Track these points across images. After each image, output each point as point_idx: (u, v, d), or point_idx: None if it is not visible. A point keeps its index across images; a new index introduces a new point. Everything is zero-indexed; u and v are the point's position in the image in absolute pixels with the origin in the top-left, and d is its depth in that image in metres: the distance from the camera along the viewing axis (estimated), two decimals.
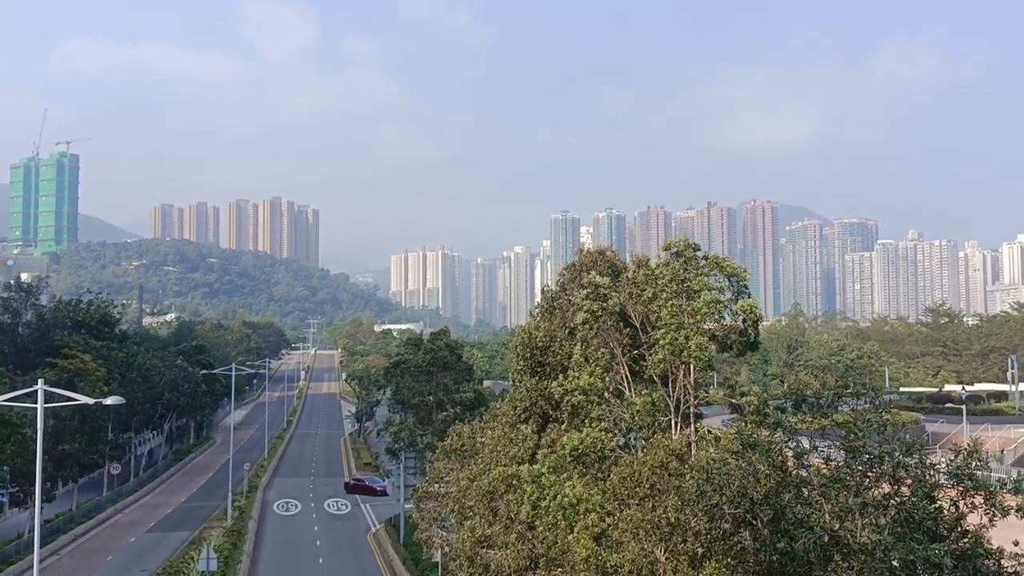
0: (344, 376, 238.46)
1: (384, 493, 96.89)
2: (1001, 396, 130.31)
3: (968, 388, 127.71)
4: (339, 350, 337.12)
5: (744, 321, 34.33)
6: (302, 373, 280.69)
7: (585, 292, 34.99)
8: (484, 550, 35.66)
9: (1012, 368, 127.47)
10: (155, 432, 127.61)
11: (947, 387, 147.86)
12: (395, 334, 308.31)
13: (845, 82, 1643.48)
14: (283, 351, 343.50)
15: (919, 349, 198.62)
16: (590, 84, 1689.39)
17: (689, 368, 33.61)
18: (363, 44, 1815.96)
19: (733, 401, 36.72)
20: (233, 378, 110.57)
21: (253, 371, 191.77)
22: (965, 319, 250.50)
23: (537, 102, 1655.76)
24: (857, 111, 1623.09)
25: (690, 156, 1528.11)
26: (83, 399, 35.25)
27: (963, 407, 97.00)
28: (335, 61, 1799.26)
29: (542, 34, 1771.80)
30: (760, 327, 36.03)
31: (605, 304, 34.56)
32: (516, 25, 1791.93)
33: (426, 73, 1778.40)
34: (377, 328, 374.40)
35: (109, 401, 36.22)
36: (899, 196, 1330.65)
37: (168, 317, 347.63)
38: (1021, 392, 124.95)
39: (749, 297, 34.67)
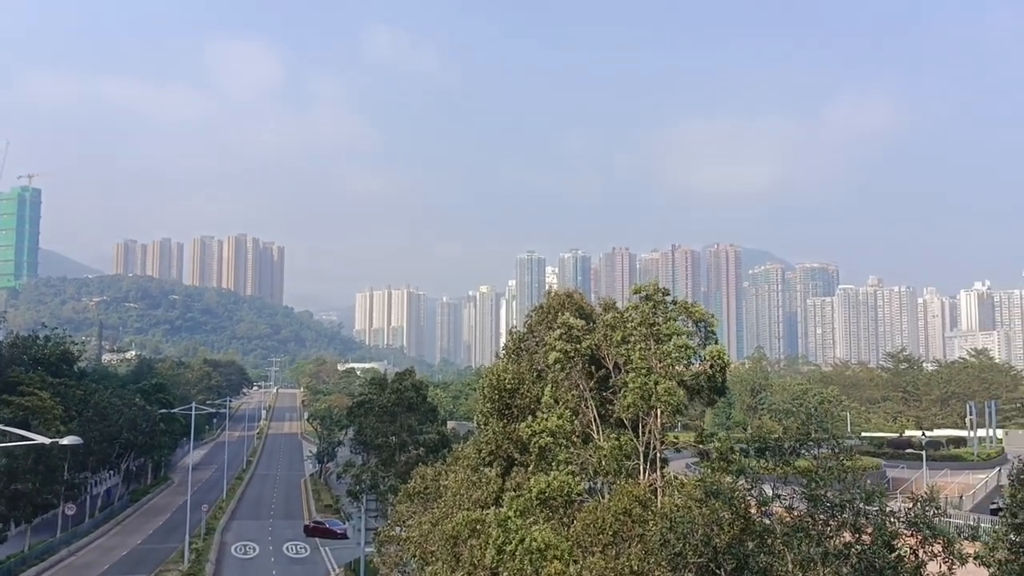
0: (306, 416, 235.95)
1: (344, 536, 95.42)
2: (960, 442, 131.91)
3: (928, 434, 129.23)
4: (302, 389, 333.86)
5: (712, 366, 34.67)
6: (263, 412, 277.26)
7: (559, 332, 35.21)
8: None
9: (970, 414, 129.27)
10: (112, 472, 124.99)
11: (907, 432, 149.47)
12: (359, 373, 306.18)
13: (801, 129, 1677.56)
14: (244, 390, 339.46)
15: (880, 394, 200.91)
16: (554, 126, 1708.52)
17: (657, 413, 33.78)
18: (328, 82, 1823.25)
19: (699, 447, 36.94)
20: (193, 417, 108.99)
21: (213, 410, 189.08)
22: (925, 365, 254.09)
23: (502, 142, 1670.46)
24: (814, 157, 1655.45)
25: (653, 198, 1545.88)
26: (38, 439, 34.52)
27: (923, 453, 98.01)
28: (300, 98, 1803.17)
29: (506, 76, 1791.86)
30: (727, 372, 36.39)
31: (578, 346, 34.78)
32: (480, 67, 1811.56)
33: (391, 112, 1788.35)
34: (340, 367, 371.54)
35: (66, 441, 35.42)
36: (859, 241, 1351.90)
37: (128, 355, 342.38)
38: (979, 438, 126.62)
39: (717, 343, 35.05)
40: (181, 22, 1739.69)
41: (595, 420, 36.72)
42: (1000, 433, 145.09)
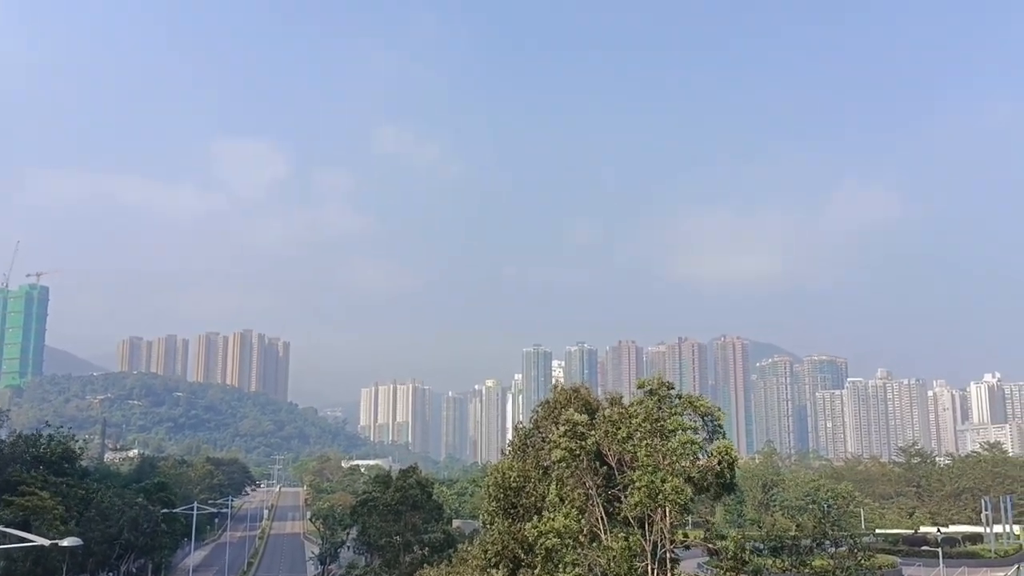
0: (309, 515, 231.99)
1: None
2: (976, 538, 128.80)
3: (943, 530, 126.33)
4: (305, 487, 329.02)
5: (720, 462, 34.11)
6: (266, 512, 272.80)
7: (563, 430, 34.79)
8: None
9: (985, 510, 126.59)
10: (111, 573, 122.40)
11: (922, 529, 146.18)
12: (363, 470, 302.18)
13: (805, 221, 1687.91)
14: (247, 488, 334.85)
15: (893, 489, 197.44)
16: (556, 218, 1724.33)
17: (665, 511, 33.11)
18: (334, 178, 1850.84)
19: (710, 546, 36.02)
20: (195, 517, 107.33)
21: (215, 510, 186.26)
22: (937, 459, 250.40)
23: (506, 233, 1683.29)
24: (819, 249, 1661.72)
25: (658, 289, 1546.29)
26: (38, 540, 33.91)
27: (939, 550, 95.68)
28: (305, 195, 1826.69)
29: (508, 169, 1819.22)
30: (736, 467, 35.78)
31: (583, 443, 34.34)
32: (483, 160, 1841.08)
33: (396, 206, 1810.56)
34: (345, 464, 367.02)
35: (66, 542, 34.83)
36: (867, 333, 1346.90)
37: (131, 453, 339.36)
38: (996, 534, 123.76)
39: (724, 437, 34.56)
40: (189, 122, 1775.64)
41: (602, 519, 36.01)
42: (1017, 529, 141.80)
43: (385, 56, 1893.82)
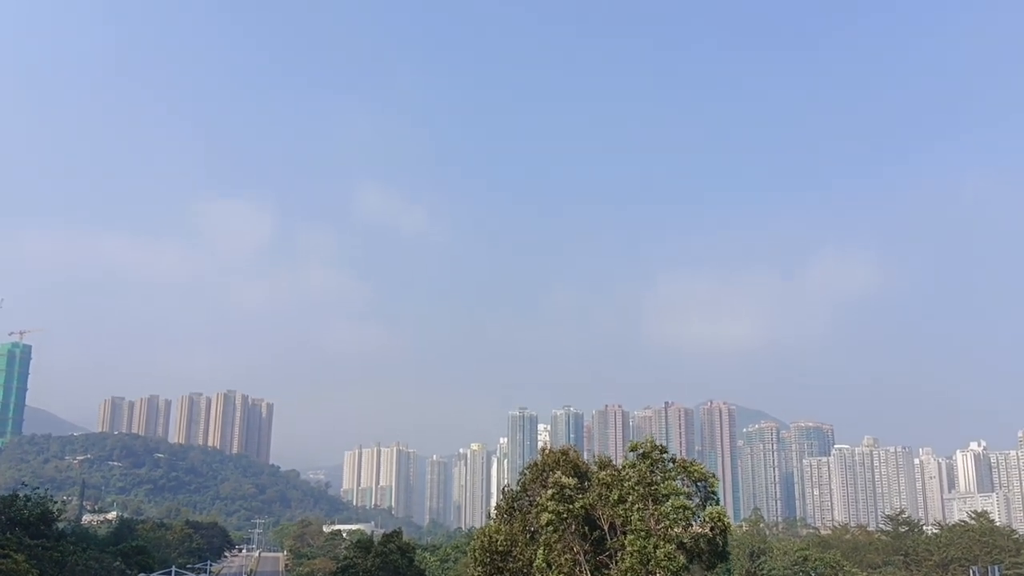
0: None
1: None
2: None
3: None
4: (285, 552, 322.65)
5: (713, 529, 33.65)
6: None
7: (551, 492, 34.24)
8: None
9: None
10: None
11: None
12: (345, 535, 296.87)
13: (786, 287, 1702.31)
14: (227, 552, 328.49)
15: (880, 559, 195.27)
16: (540, 281, 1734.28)
17: None
18: (318, 237, 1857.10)
19: None
20: None
21: (193, 574, 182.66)
22: (925, 527, 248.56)
23: (490, 296, 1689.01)
24: (801, 315, 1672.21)
25: (642, 353, 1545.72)
26: None
27: None
28: (290, 255, 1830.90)
29: (490, 230, 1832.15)
30: (729, 535, 35.30)
31: (571, 506, 33.79)
32: (466, 221, 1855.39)
33: (380, 265, 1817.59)
34: (326, 528, 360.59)
35: None
36: (852, 398, 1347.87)
37: (109, 515, 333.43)
38: None
39: (717, 503, 34.19)
40: (174, 180, 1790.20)
41: None
42: None
43: (368, 118, 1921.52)
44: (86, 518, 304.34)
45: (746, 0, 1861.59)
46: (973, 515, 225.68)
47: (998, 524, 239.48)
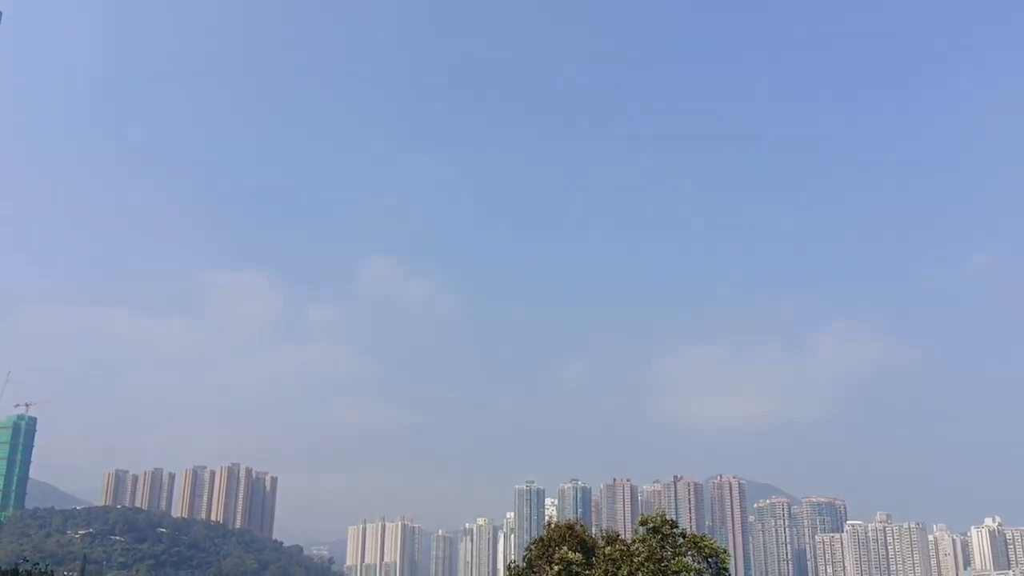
0: None
1: None
2: None
3: None
4: None
5: None
6: None
7: (556, 569, 33.78)
8: None
9: None
10: None
11: None
12: None
13: (793, 360, 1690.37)
14: None
15: None
16: (548, 356, 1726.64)
17: None
18: (325, 313, 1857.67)
19: None
20: None
21: None
22: None
23: (498, 371, 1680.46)
24: (810, 389, 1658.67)
25: (651, 427, 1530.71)
26: None
27: None
28: (296, 329, 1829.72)
29: (500, 309, 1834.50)
30: None
31: None
32: (474, 297, 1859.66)
33: (387, 340, 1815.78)
34: None
35: None
36: (865, 473, 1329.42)
37: None
38: None
39: None
40: (180, 256, 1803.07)
41: None
42: None
43: (376, 195, 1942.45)
44: None
45: (752, 89, 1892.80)
46: None
47: None
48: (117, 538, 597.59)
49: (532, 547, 41.40)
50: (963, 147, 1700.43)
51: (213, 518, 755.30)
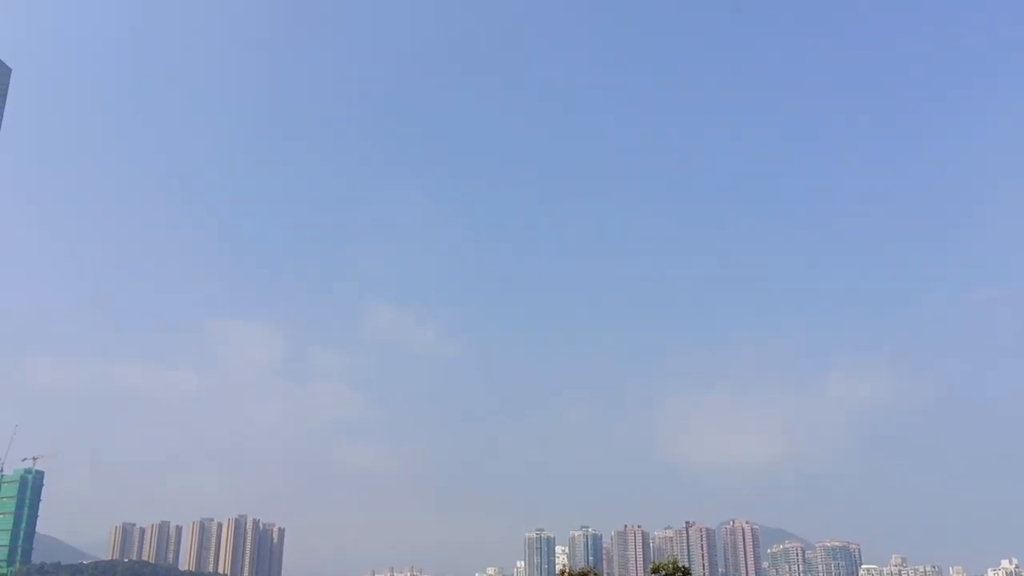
0: None
1: None
2: None
3: None
4: None
5: None
6: None
7: None
8: None
9: None
10: None
11: None
12: None
13: (800, 399, 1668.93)
14: None
15: None
16: (552, 398, 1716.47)
17: None
18: (330, 358, 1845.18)
19: None
20: None
21: None
22: None
23: (501, 412, 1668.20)
24: (819, 429, 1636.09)
25: (659, 471, 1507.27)
26: None
27: None
28: (301, 375, 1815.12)
29: (505, 353, 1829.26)
30: None
31: None
32: (479, 340, 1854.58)
33: (393, 385, 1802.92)
34: None
35: None
36: (877, 515, 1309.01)
37: None
38: None
39: None
40: (182, 304, 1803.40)
41: None
42: None
43: (378, 238, 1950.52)
44: None
45: (749, 113, 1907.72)
46: None
47: None
48: None
49: None
50: (966, 169, 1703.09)
51: (221, 570, 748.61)
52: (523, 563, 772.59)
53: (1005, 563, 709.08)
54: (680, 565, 30.63)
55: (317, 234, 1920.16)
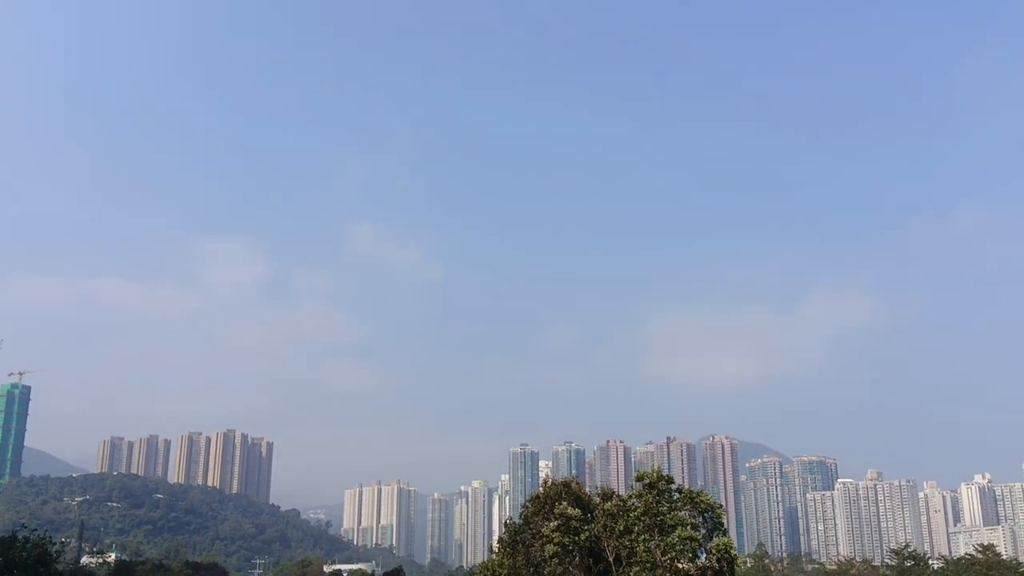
0: None
1: None
2: None
3: None
4: None
5: (720, 560, 33.49)
6: None
7: (556, 524, 34.12)
8: None
9: None
10: None
11: None
12: (345, 575, 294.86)
13: (782, 320, 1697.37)
14: None
15: None
16: (537, 320, 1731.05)
17: None
18: (314, 277, 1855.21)
19: None
20: None
21: None
22: (930, 561, 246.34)
23: (487, 334, 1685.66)
24: (798, 347, 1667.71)
25: (642, 390, 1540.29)
26: None
27: None
28: (285, 294, 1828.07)
29: (487, 272, 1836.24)
30: (736, 566, 35.06)
31: (577, 538, 33.66)
32: (462, 262, 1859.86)
33: (376, 306, 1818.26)
34: (327, 568, 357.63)
35: None
36: (854, 433, 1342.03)
37: (108, 557, 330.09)
38: None
39: (725, 534, 34.02)
40: (168, 222, 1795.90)
41: None
42: None
43: (363, 160, 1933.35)
44: (85, 559, 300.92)
45: (737, 49, 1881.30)
46: (979, 548, 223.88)
47: (1004, 557, 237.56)
48: (114, 504, 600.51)
49: (529, 504, 41.76)
50: (952, 108, 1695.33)
51: (210, 484, 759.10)
52: (508, 477, 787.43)
53: (978, 478, 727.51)
54: (664, 475, 31.46)
55: (300, 154, 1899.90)
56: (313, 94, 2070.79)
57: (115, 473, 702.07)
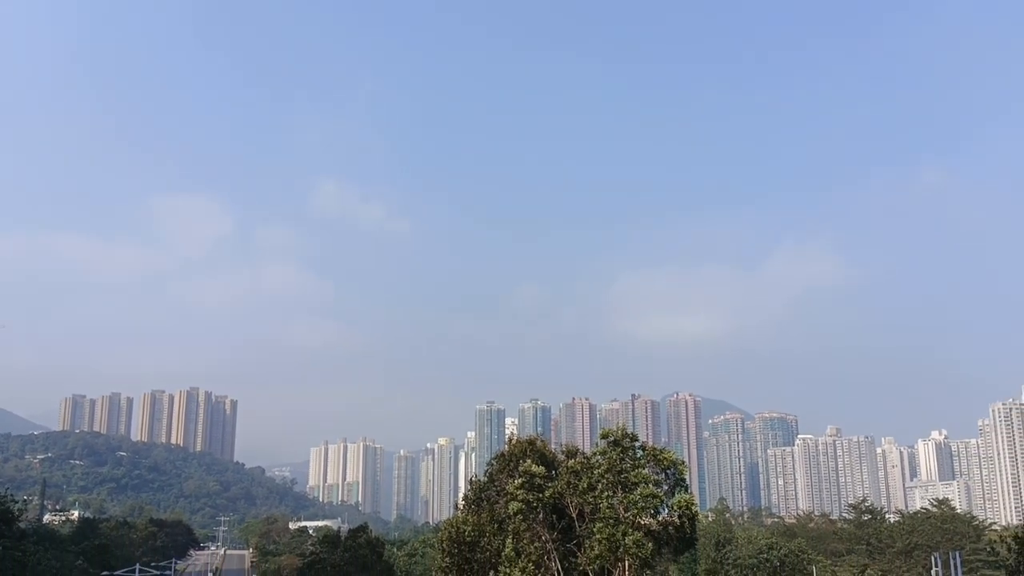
0: None
1: None
2: None
3: None
4: (251, 550, 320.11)
5: (681, 516, 33.76)
6: (210, 574, 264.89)
7: (520, 481, 34.19)
8: None
9: (936, 566, 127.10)
10: None
11: None
12: (311, 532, 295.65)
13: (745, 278, 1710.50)
14: (191, 551, 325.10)
15: (844, 547, 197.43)
16: (501, 279, 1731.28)
17: (625, 565, 32.52)
18: (277, 235, 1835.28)
19: None
20: None
21: (157, 572, 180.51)
22: (887, 516, 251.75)
23: (454, 292, 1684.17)
24: (762, 309, 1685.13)
25: (608, 348, 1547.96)
26: None
27: None
28: (248, 251, 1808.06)
29: (453, 228, 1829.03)
30: (697, 522, 35.38)
31: (541, 495, 33.74)
32: (427, 220, 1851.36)
33: (341, 264, 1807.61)
34: (292, 525, 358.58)
35: None
36: (815, 389, 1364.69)
37: (71, 514, 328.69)
38: None
39: (687, 490, 34.28)
40: (128, 178, 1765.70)
41: (559, 573, 35.24)
42: None
43: (326, 119, 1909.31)
44: (47, 518, 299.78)
45: (713, 16, 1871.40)
46: (935, 503, 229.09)
47: (959, 511, 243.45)
48: (77, 462, 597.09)
49: (494, 462, 41.85)
50: (919, 63, 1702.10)
51: (173, 441, 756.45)
52: (474, 434, 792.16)
53: (935, 434, 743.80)
54: (628, 432, 31.66)
55: (262, 111, 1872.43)
56: (274, 49, 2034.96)
57: (77, 431, 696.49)
